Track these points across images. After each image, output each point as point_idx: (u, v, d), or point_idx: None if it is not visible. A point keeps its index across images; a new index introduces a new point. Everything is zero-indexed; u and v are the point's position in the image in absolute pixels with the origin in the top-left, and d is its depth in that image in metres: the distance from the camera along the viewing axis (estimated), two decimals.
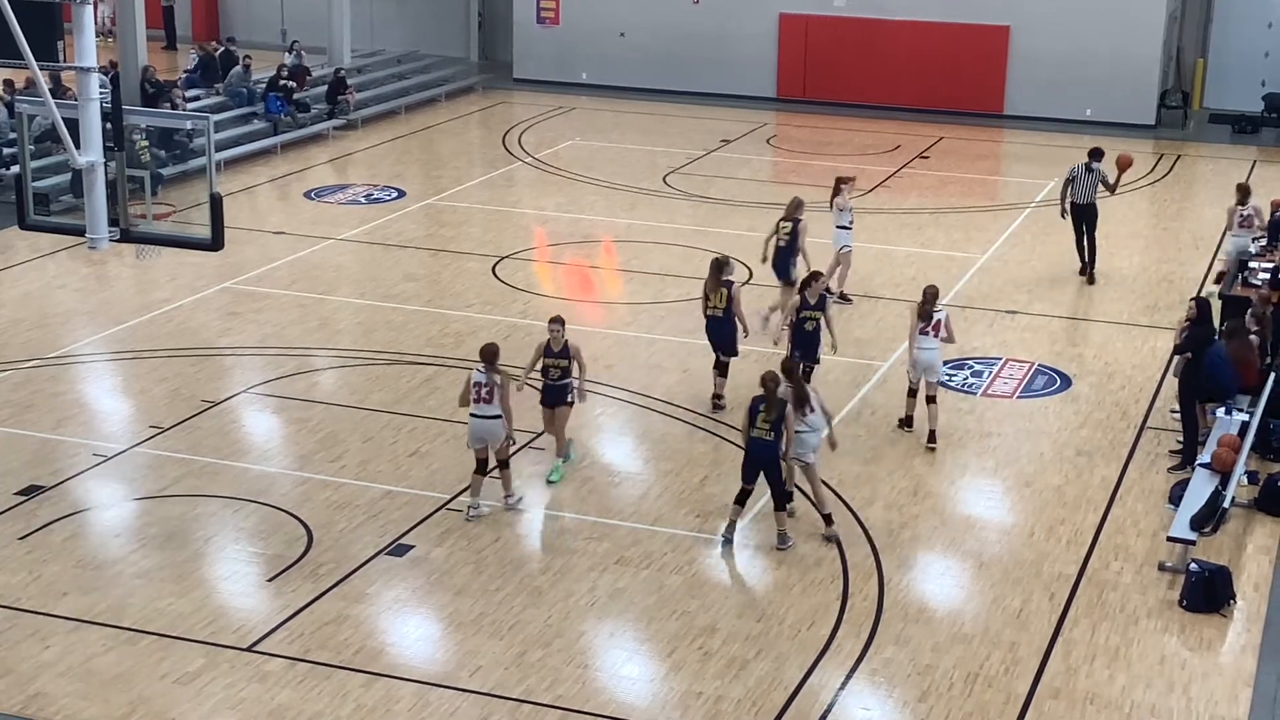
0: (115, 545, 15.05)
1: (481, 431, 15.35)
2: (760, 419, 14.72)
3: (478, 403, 15.26)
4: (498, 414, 15.26)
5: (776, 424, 14.68)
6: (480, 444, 15.42)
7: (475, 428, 15.37)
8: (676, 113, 35.61)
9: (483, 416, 15.27)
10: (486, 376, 15.25)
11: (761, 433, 14.74)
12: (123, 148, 14.65)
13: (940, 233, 26.19)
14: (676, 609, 13.97)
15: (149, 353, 19.96)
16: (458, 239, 25.54)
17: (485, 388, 15.23)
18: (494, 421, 15.28)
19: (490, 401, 15.21)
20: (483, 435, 15.36)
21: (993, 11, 35.11)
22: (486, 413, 15.25)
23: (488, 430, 15.33)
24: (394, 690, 12.66)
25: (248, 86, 32.73)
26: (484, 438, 15.36)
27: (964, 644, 13.51)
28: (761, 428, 14.72)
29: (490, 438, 15.36)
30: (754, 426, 14.77)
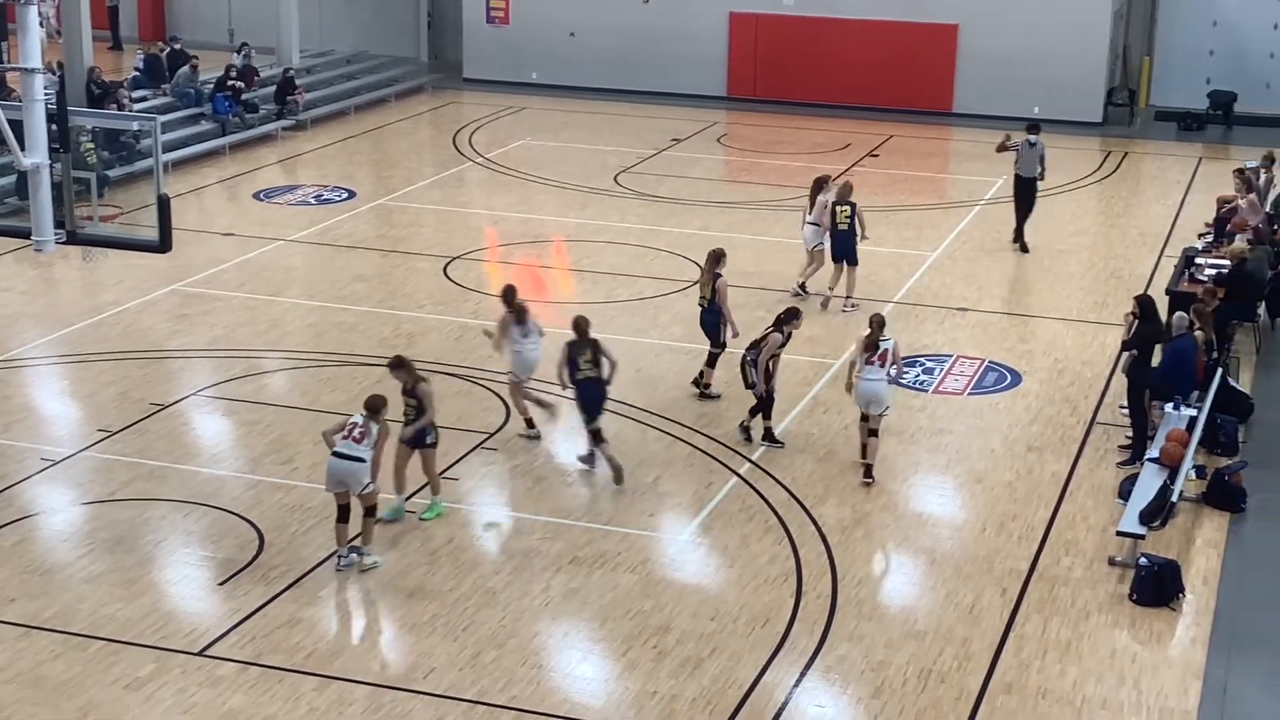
0: (64, 550, 14.91)
1: (340, 473, 14.23)
2: (583, 361, 16.30)
3: (345, 439, 14.24)
4: (361, 458, 14.20)
5: (596, 360, 16.34)
6: (340, 488, 14.30)
7: (334, 468, 14.24)
8: (627, 112, 35.61)
9: (345, 456, 14.19)
10: (365, 421, 14.34)
11: (587, 371, 16.26)
12: (68, 149, 14.54)
13: (891, 230, 26.28)
14: (631, 608, 13.97)
15: (97, 356, 19.79)
16: (408, 239, 25.45)
17: (360, 429, 14.26)
18: (355, 465, 14.18)
19: (359, 442, 14.19)
20: (341, 478, 14.24)
21: (941, 10, 35.28)
22: (351, 452, 14.18)
23: (347, 472, 14.21)
24: (347, 693, 12.60)
25: (195, 87, 32.51)
26: (343, 480, 14.24)
27: (917, 640, 13.57)
28: (585, 368, 16.24)
29: (350, 481, 14.23)
30: (578, 369, 16.32)
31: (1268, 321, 21.33)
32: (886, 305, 22.24)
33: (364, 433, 14.25)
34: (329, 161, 30.90)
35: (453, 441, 17.31)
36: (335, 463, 14.24)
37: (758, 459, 17.05)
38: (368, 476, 14.27)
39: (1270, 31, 35.84)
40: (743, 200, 28.25)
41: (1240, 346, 20.40)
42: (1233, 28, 36.11)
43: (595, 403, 16.44)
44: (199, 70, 33.02)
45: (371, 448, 14.27)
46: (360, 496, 14.33)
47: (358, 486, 14.27)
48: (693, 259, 24.12)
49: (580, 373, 16.41)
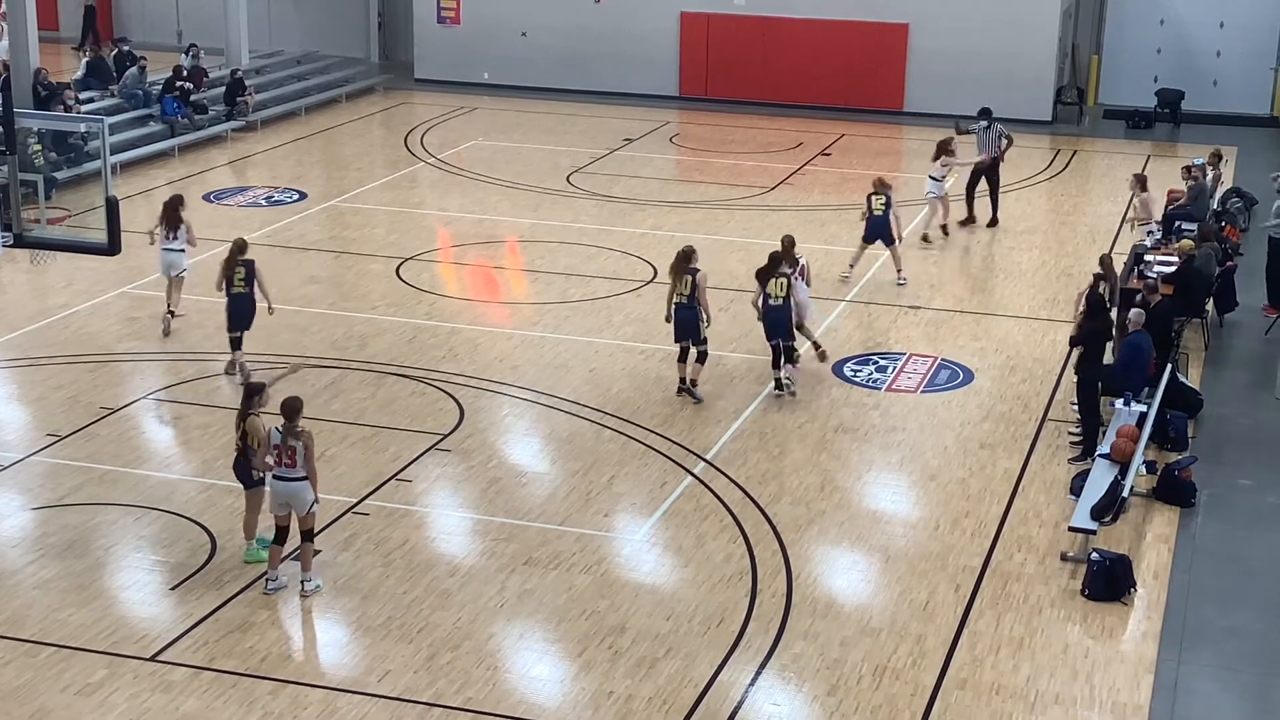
0: (13, 556, 14.77)
1: (285, 494, 13.78)
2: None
3: (279, 464, 13.76)
4: (303, 476, 13.75)
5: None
6: (285, 509, 13.87)
7: (278, 490, 13.79)
8: (579, 112, 35.59)
9: (286, 479, 13.77)
10: (284, 438, 13.74)
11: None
12: (15, 151, 14.41)
13: (843, 229, 26.35)
14: (586, 609, 13.95)
15: (45, 359, 19.61)
16: (361, 241, 25.34)
17: (286, 451, 13.72)
18: (298, 485, 13.74)
19: (293, 464, 13.71)
20: (286, 499, 13.80)
21: (892, 10, 35.44)
22: (289, 475, 13.74)
23: (290, 493, 13.77)
24: (301, 697, 12.53)
25: (144, 88, 32.27)
26: (288, 502, 13.82)
27: (872, 637, 13.61)
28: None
29: (295, 502, 13.80)
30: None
31: (1216, 318, 21.52)
32: (840, 304, 22.33)
33: (292, 452, 13.69)
34: (280, 163, 30.73)
35: (406, 443, 17.27)
36: (277, 484, 13.83)
37: (712, 458, 17.06)
38: (312, 494, 13.84)
39: (1217, 30, 36.18)
40: (696, 200, 28.28)
41: (1189, 343, 20.59)
42: (1180, 26, 36.43)
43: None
44: (147, 71, 32.79)
45: (305, 461, 13.73)
46: (301, 519, 13.87)
47: (304, 507, 13.82)
48: (646, 259, 24.15)
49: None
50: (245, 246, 19.02)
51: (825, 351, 19.72)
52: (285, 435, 13.77)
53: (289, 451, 13.71)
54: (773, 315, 18.55)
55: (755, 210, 27.61)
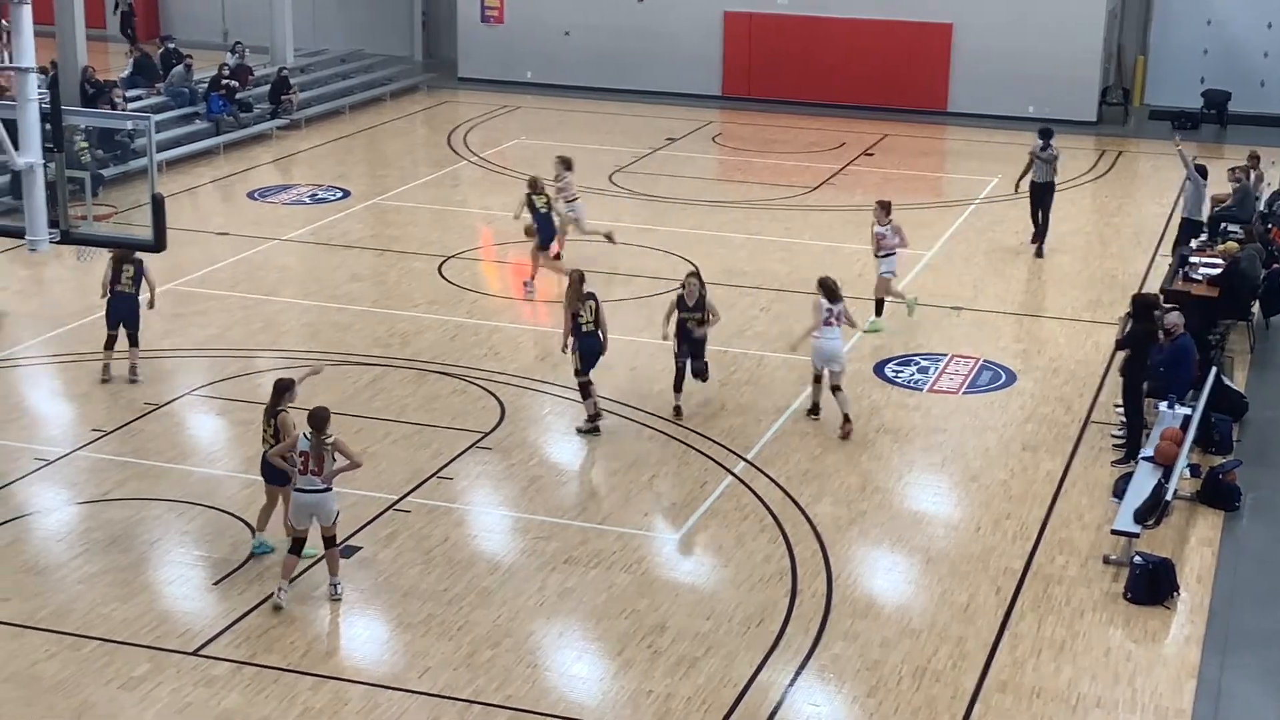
0: (58, 550, 14.89)
1: (309, 506, 13.65)
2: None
3: (303, 474, 13.53)
4: (327, 487, 13.64)
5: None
6: (308, 521, 13.73)
7: (304, 502, 13.62)
8: (622, 111, 35.60)
9: (310, 490, 13.59)
10: (314, 447, 13.54)
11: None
12: (62, 149, 14.49)
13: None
14: (626, 608, 13.96)
15: (90, 355, 19.76)
16: (403, 239, 25.43)
17: (315, 459, 13.54)
18: (323, 496, 13.63)
19: (319, 473, 13.55)
20: (311, 511, 13.67)
21: (936, 9, 35.29)
22: (314, 486, 13.56)
23: (315, 504, 13.64)
24: (342, 692, 12.59)
25: (189, 86, 32.47)
26: (313, 513, 13.69)
27: (912, 639, 13.57)
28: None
29: (320, 513, 13.69)
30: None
31: (1261, 320, 21.35)
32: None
33: (320, 462, 13.55)
34: (323, 161, 30.87)
35: (447, 441, 17.32)
36: (303, 497, 13.63)
37: (752, 458, 17.04)
38: (336, 505, 13.85)
39: (1264, 30, 35.85)
40: (738, 199, 28.25)
41: (1234, 345, 20.43)
42: (1227, 27, 36.11)
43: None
44: (193, 69, 32.99)
45: (330, 475, 13.64)
46: (325, 528, 13.78)
47: (329, 518, 13.75)
48: (688, 258, 24.15)
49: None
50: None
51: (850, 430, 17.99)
52: (315, 444, 13.57)
53: (317, 460, 13.55)
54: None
55: (797, 210, 27.56)
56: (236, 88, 32.48)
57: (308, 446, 13.57)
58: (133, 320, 18.76)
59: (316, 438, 13.57)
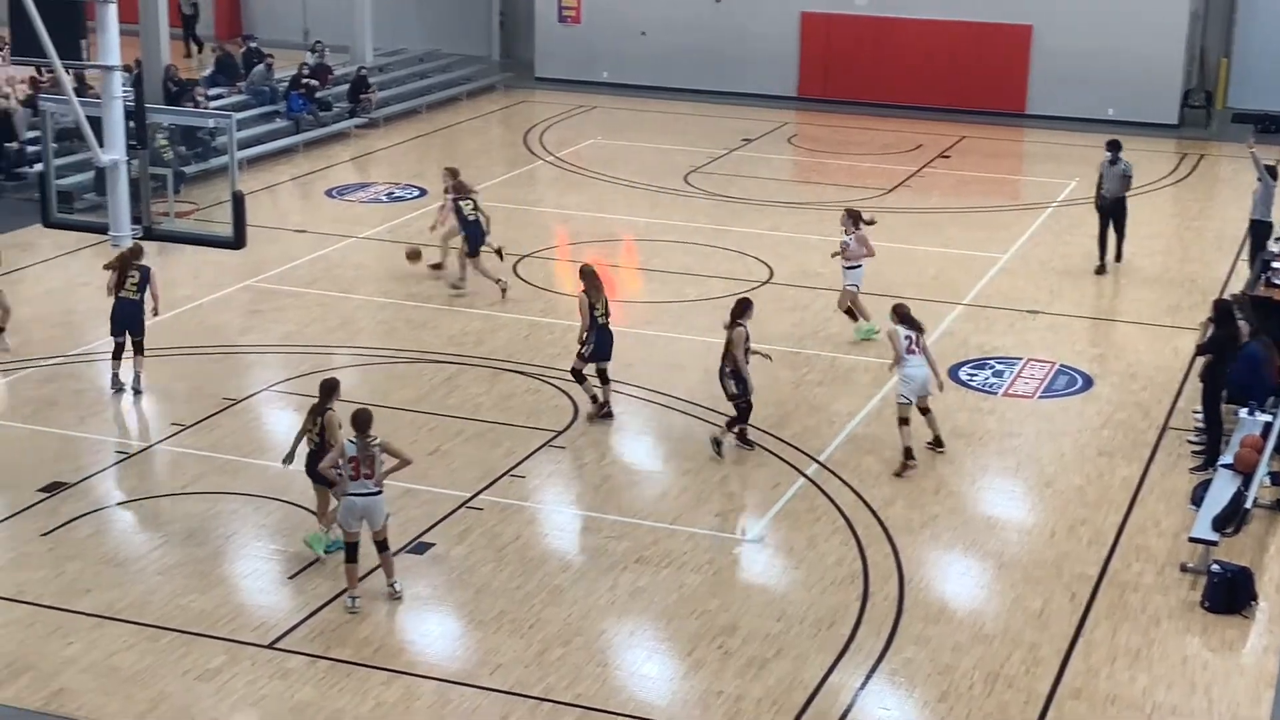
0: (137, 542, 15.11)
1: (360, 509, 13.60)
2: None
3: (354, 479, 13.53)
4: (378, 490, 13.63)
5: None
6: (359, 525, 13.70)
7: (355, 506, 13.56)
8: (697, 112, 35.59)
9: (362, 494, 13.57)
10: (360, 447, 13.51)
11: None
12: (146, 146, 14.71)
13: (961, 232, 26.15)
14: (696, 608, 13.97)
15: (171, 350, 20.02)
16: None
17: (364, 463, 13.51)
18: (375, 499, 13.62)
19: (370, 476, 13.55)
20: (362, 514, 13.63)
21: (1015, 11, 35.02)
22: (367, 489, 13.57)
23: (366, 507, 13.62)
24: (414, 688, 12.69)
25: (270, 85, 32.82)
26: (364, 516, 13.66)
27: (985, 644, 13.49)
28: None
29: (372, 516, 13.68)
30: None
31: None
32: (957, 307, 22.14)
33: (370, 464, 13.54)
34: (401, 159, 31.09)
35: (520, 439, 17.40)
36: (356, 501, 13.58)
37: (825, 460, 17.00)
38: (386, 508, 13.86)
39: None
40: (812, 201, 28.17)
41: None
42: None
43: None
44: (273, 68, 33.34)
45: (381, 477, 13.68)
46: (375, 531, 13.80)
47: (379, 521, 13.75)
48: (762, 259, 24.12)
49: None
50: (141, 252, 18.31)
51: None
52: (363, 447, 13.54)
53: (367, 464, 13.54)
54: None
55: (872, 212, 27.36)
56: (316, 86, 32.79)
57: (355, 451, 13.51)
58: (136, 326, 18.45)
59: (362, 440, 13.54)
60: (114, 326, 18.53)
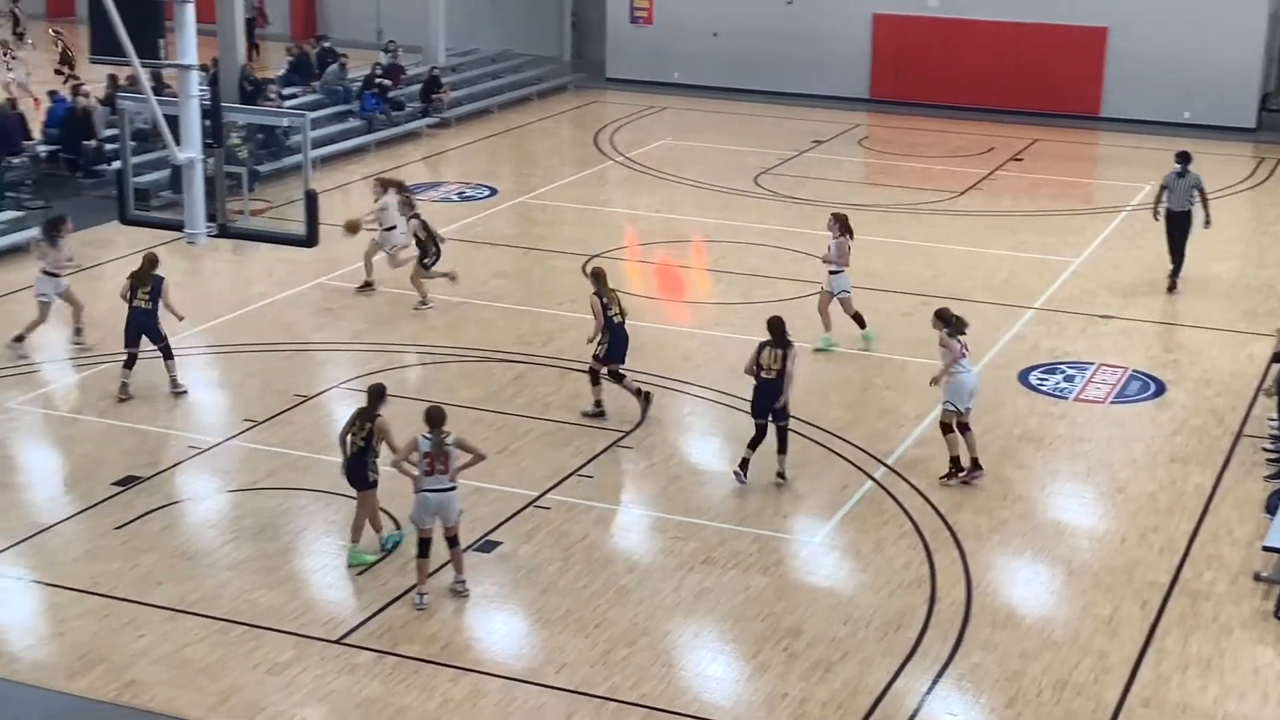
0: (209, 536, 15.28)
1: (434, 505, 13.71)
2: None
3: (429, 474, 13.65)
4: (453, 486, 13.76)
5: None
6: (433, 521, 13.80)
7: (430, 502, 13.68)
8: (768, 113, 35.54)
9: (438, 489, 13.68)
10: (435, 446, 13.64)
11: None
12: (222, 144, 14.84)
13: (1033, 235, 25.96)
14: (762, 610, 13.95)
15: (244, 347, 20.23)
16: (549, 237, 25.65)
17: (439, 459, 13.64)
18: (450, 494, 13.73)
19: (445, 471, 13.66)
20: (437, 510, 13.74)
21: (1090, 13, 34.72)
22: (442, 485, 13.67)
23: (441, 503, 13.73)
24: (481, 685, 12.75)
25: (343, 85, 33.08)
26: (438, 512, 13.77)
27: (1053, 651, 13.39)
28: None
29: (446, 512, 13.79)
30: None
31: None
32: (1028, 311, 21.99)
33: (445, 460, 13.65)
34: (472, 159, 31.25)
35: (588, 439, 17.44)
36: (430, 497, 13.68)
37: (893, 463, 16.93)
38: (459, 504, 13.96)
39: None
40: (883, 203, 28.06)
41: None
42: None
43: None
44: (347, 68, 33.59)
45: (455, 472, 13.77)
46: (448, 527, 13.90)
47: (453, 517, 13.85)
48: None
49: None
50: (157, 262, 18.60)
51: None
52: (436, 443, 13.63)
53: (442, 460, 13.63)
54: (763, 388, 16.32)
55: (943, 215, 27.31)
56: (389, 86, 33.02)
57: (429, 446, 13.61)
58: (154, 333, 18.44)
59: (437, 435, 13.63)
60: (127, 336, 18.48)
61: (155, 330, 18.49)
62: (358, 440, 14.50)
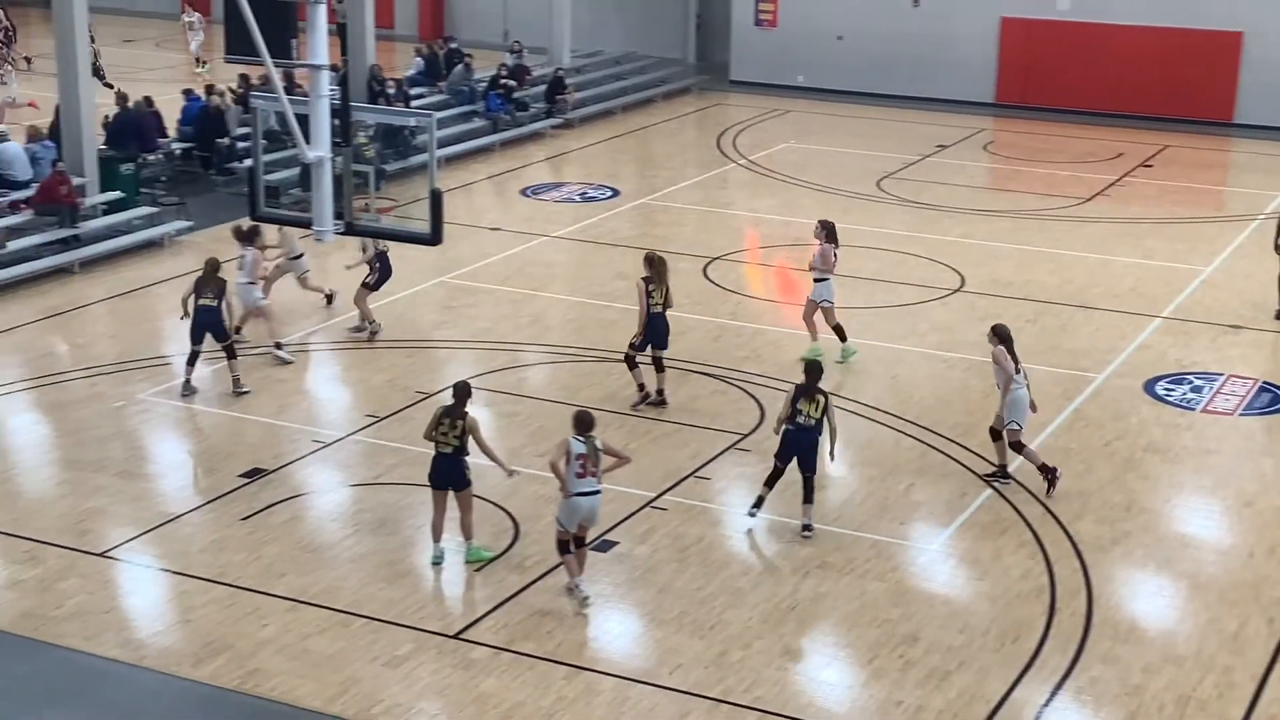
0: (331, 529, 15.51)
1: (586, 509, 13.73)
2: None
3: (582, 477, 13.59)
4: (600, 491, 13.80)
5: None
6: (575, 525, 13.81)
7: (583, 506, 13.67)
8: (892, 117, 35.31)
9: (590, 493, 13.67)
10: (587, 445, 13.63)
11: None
12: (350, 144, 15.06)
13: (1162, 243, 25.52)
14: (878, 616, 13.87)
15: (367, 343, 20.49)
16: (670, 239, 25.69)
17: (591, 462, 13.62)
18: (599, 498, 13.78)
19: (595, 474, 13.66)
20: (588, 514, 13.79)
21: (1224, 17, 34.07)
22: (594, 488, 13.67)
23: (594, 506, 13.79)
24: (595, 684, 12.81)
25: (469, 85, 33.40)
26: (590, 516, 13.84)
27: (1176, 666, 13.16)
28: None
29: (593, 515, 13.85)
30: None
31: None
32: (1155, 320, 21.63)
33: (597, 463, 13.67)
34: (594, 160, 31.40)
35: (706, 441, 17.45)
36: (583, 501, 13.66)
37: (1014, 471, 16.73)
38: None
39: None
40: (1007, 209, 27.75)
41: None
42: None
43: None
44: (473, 69, 33.92)
45: (601, 475, 13.78)
46: (584, 528, 13.93)
47: (596, 519, 13.93)
48: (954, 267, 23.84)
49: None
50: (219, 266, 18.67)
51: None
52: (590, 446, 13.62)
53: (595, 462, 13.63)
54: (796, 437, 15.36)
55: (1069, 222, 26.95)
56: (514, 87, 33.28)
57: (584, 449, 13.60)
58: (219, 331, 18.42)
59: (589, 439, 13.67)
60: (194, 334, 18.42)
61: (221, 329, 18.59)
62: (451, 440, 14.53)
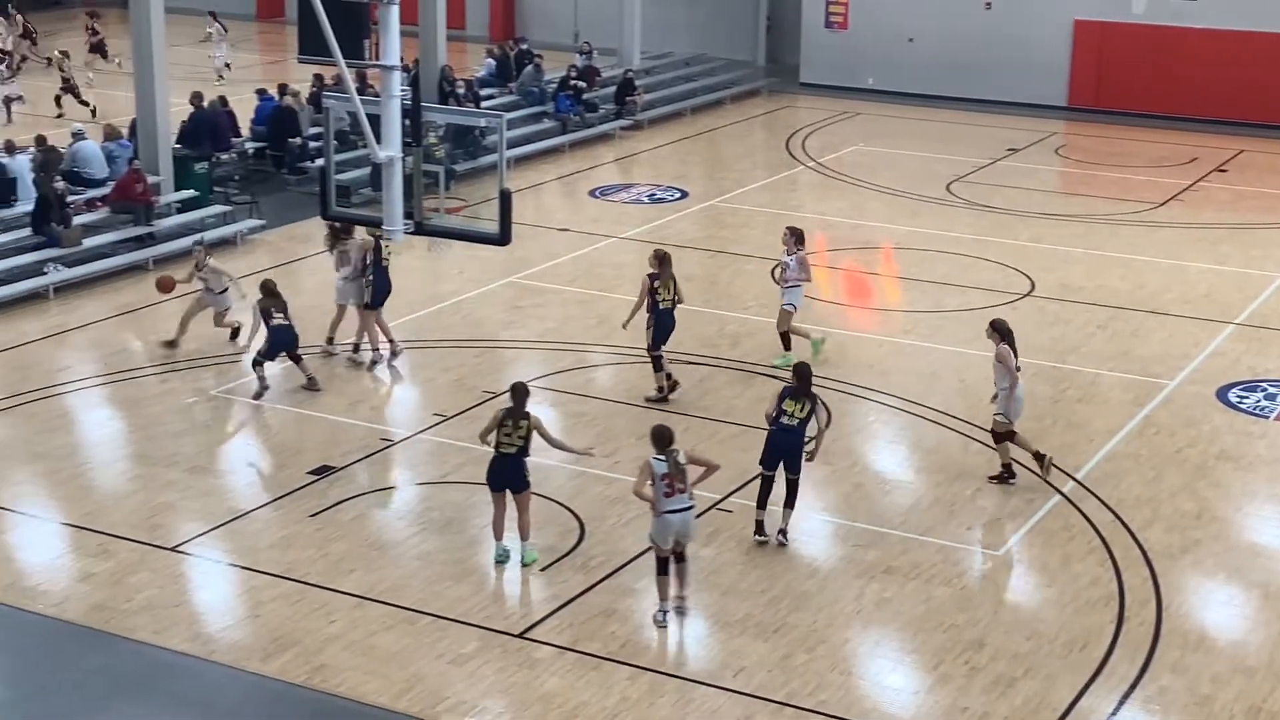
0: (398, 527, 15.61)
1: (677, 526, 13.48)
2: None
3: (668, 496, 13.35)
4: (693, 504, 13.59)
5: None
6: (674, 541, 13.61)
7: (674, 523, 13.42)
8: (962, 120, 35.11)
9: (681, 510, 13.44)
10: (669, 462, 13.39)
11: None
12: (420, 144, 15.17)
13: (1236, 249, 25.23)
14: (944, 621, 13.81)
15: (436, 342, 20.62)
16: (737, 241, 25.67)
17: (677, 478, 13.40)
18: (691, 512, 13.55)
19: (685, 490, 13.43)
20: (681, 530, 13.53)
21: None
22: (685, 504, 13.44)
23: (686, 522, 13.54)
24: (658, 685, 12.82)
25: (539, 86, 33.51)
26: (683, 532, 13.58)
27: (1247, 676, 13.01)
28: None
29: (689, 530, 13.64)
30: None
31: None
32: (1229, 326, 21.39)
33: (683, 479, 13.45)
34: (663, 161, 31.41)
35: None
36: (672, 518, 13.41)
37: (1082, 478, 16.61)
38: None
39: None
40: (1079, 213, 27.53)
41: None
42: None
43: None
44: (543, 69, 34.02)
45: (691, 488, 13.55)
46: (681, 543, 13.73)
47: (693, 534, 13.79)
48: (1024, 271, 23.68)
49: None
50: (275, 286, 18.84)
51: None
52: (672, 463, 13.39)
53: (681, 478, 13.42)
54: (779, 438, 15.17)
55: (1141, 227, 26.69)
56: (583, 88, 33.36)
57: (667, 468, 13.37)
58: (295, 345, 18.74)
59: (670, 455, 13.44)
60: (271, 351, 18.54)
61: (298, 342, 18.77)
62: (516, 440, 14.52)
